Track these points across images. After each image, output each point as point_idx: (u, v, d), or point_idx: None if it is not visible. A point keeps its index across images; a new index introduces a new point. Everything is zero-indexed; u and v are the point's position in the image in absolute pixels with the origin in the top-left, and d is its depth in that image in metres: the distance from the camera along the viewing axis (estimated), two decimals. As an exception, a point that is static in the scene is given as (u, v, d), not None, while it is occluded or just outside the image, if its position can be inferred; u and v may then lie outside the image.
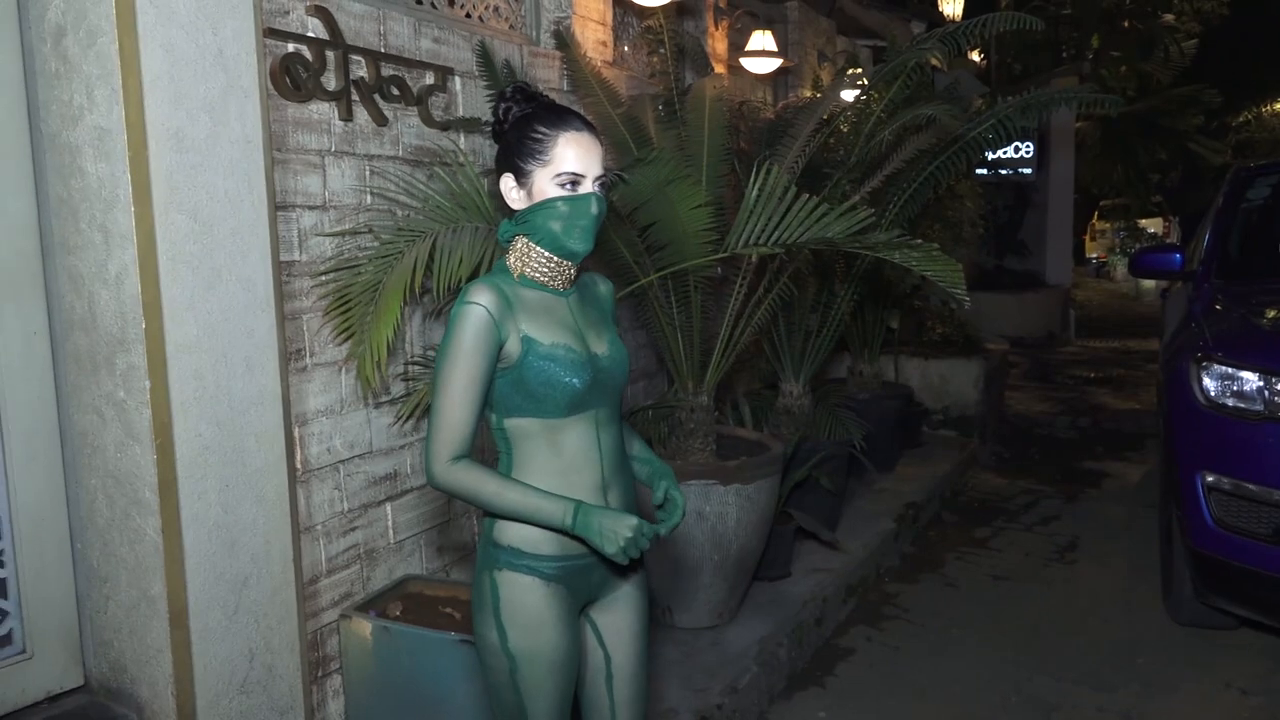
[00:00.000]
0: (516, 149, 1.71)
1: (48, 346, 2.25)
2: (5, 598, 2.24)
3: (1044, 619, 3.88)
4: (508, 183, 1.74)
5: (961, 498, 5.56)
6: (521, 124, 1.72)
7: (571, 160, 1.69)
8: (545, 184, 1.69)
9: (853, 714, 3.17)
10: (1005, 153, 10.35)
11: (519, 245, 1.75)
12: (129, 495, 2.18)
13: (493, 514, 1.71)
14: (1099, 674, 3.41)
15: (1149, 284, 13.81)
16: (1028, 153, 10.68)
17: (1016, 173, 10.74)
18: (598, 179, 1.72)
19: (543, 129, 1.69)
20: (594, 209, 1.71)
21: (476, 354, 1.64)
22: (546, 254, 1.73)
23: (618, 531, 1.63)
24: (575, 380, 1.69)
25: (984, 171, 10.03)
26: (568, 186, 1.69)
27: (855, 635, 3.76)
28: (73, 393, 2.24)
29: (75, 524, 2.31)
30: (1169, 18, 13.54)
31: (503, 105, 1.76)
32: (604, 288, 1.93)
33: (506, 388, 1.69)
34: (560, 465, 1.72)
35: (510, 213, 1.77)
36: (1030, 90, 4.26)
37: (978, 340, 6.75)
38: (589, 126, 1.74)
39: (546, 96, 1.81)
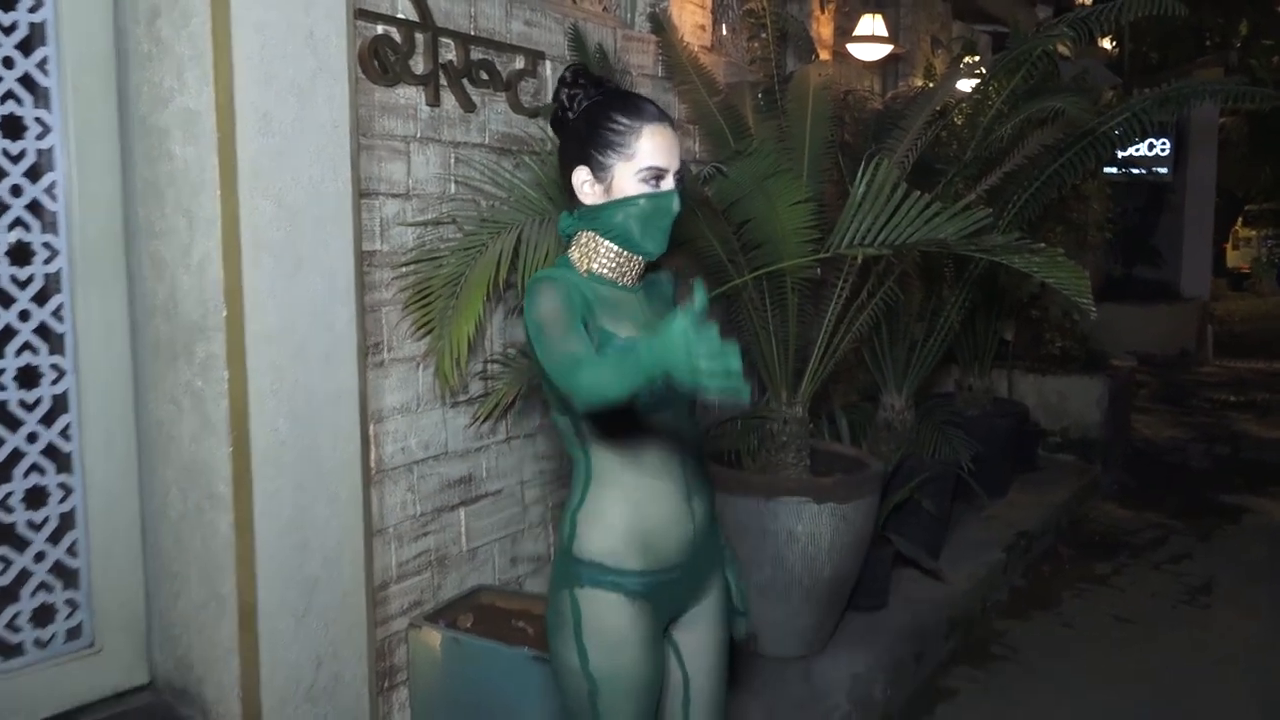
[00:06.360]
0: (592, 140, 1.70)
1: (127, 333, 2.37)
2: (76, 589, 2.36)
3: (1173, 666, 3.77)
4: (580, 176, 1.73)
5: (1080, 529, 5.44)
6: (595, 113, 1.71)
7: (656, 154, 1.69)
8: (626, 180, 1.69)
9: (953, 760, 3.14)
10: (1138, 150, 10.07)
11: (584, 240, 1.76)
12: (203, 489, 2.29)
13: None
14: (1234, 731, 3.31)
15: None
16: (1164, 150, 10.37)
17: (1150, 172, 10.43)
18: (676, 173, 1.73)
19: (623, 119, 1.69)
20: (676, 207, 1.72)
21: (564, 303, 1.61)
22: (615, 249, 1.74)
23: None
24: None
25: (1113, 170, 9.76)
26: (651, 182, 1.69)
27: (958, 675, 3.70)
28: (150, 381, 2.36)
29: (148, 516, 2.42)
30: (1331, 1, 13.02)
31: (568, 91, 1.75)
32: (667, 283, 1.94)
33: None
34: (639, 470, 1.75)
35: (571, 204, 1.78)
36: (1169, 82, 4.16)
37: (1102, 356, 6.59)
38: (668, 116, 1.75)
39: (611, 80, 1.81)
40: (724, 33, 4.42)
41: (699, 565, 1.85)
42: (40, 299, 2.25)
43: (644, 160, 1.68)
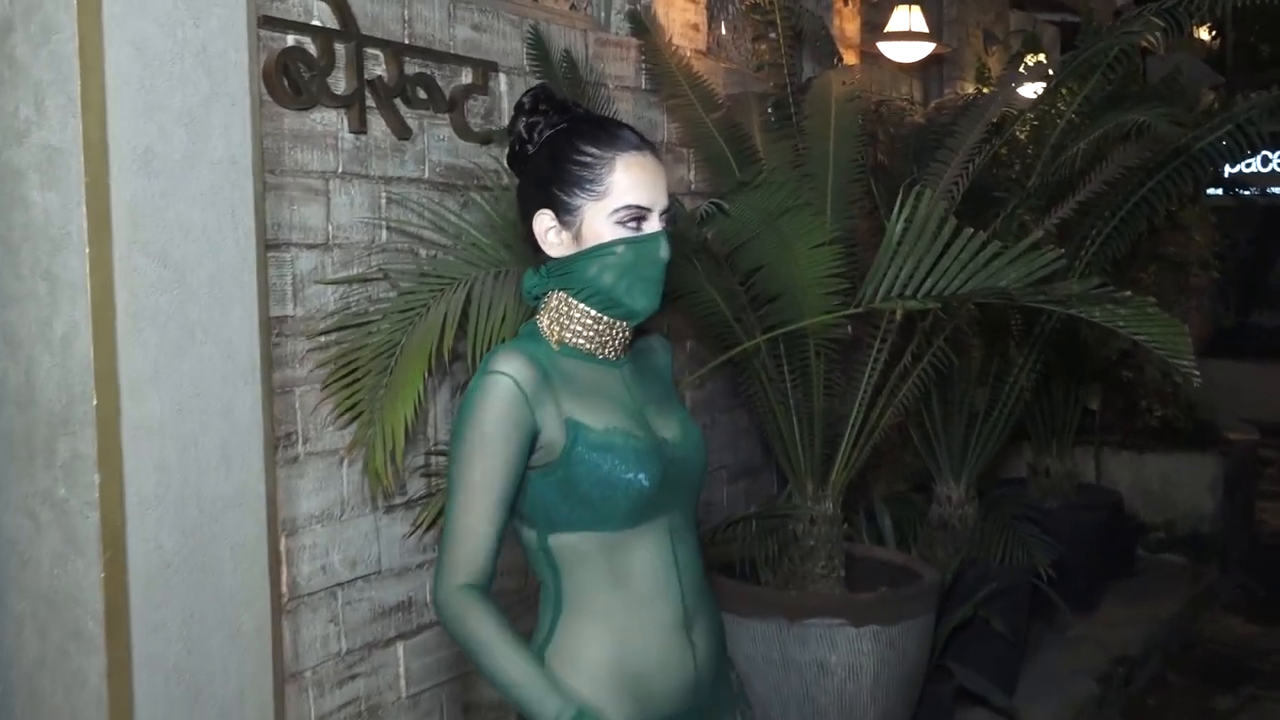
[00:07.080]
0: (556, 177, 1.72)
1: (-31, 428, 2.38)
2: (-99, 760, 2.34)
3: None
4: (544, 223, 1.75)
5: (1195, 651, 5.42)
6: (559, 144, 1.74)
7: (634, 190, 1.70)
8: (599, 223, 1.71)
9: None
10: (1249, 166, 10.22)
11: (554, 302, 1.78)
12: (66, 626, 2.28)
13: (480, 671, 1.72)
14: None
15: None
16: (1281, 166, 10.53)
17: (1265, 193, 10.58)
18: (664, 212, 1.74)
19: (592, 149, 1.71)
20: (664, 253, 1.73)
21: (499, 439, 1.65)
22: (593, 313, 1.76)
23: None
24: (642, 476, 1.70)
25: (1218, 192, 9.91)
26: (630, 224, 1.71)
27: (1043, 846, 3.68)
28: (-1, 488, 2.36)
29: (-6, 662, 2.41)
30: None
31: (526, 120, 1.77)
32: (661, 351, 1.96)
33: (551, 493, 1.71)
34: (627, 597, 1.74)
35: (537, 259, 1.80)
36: (1284, 82, 4.25)
37: (1214, 427, 6.60)
38: (649, 144, 1.77)
39: (580, 105, 1.85)
40: (723, 33, 4.51)
41: (703, 714, 1.83)
42: None
43: (619, 198, 1.70)
